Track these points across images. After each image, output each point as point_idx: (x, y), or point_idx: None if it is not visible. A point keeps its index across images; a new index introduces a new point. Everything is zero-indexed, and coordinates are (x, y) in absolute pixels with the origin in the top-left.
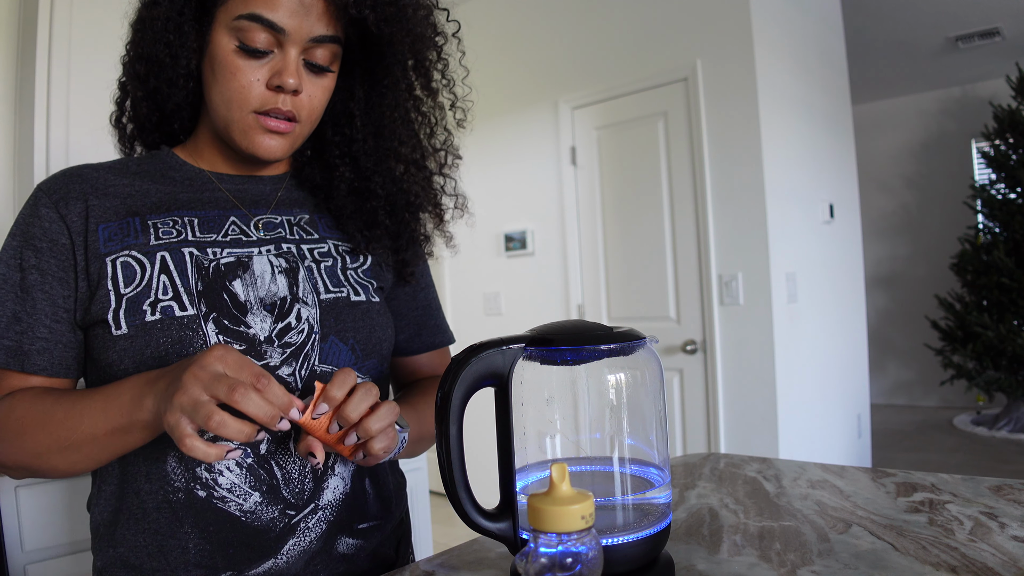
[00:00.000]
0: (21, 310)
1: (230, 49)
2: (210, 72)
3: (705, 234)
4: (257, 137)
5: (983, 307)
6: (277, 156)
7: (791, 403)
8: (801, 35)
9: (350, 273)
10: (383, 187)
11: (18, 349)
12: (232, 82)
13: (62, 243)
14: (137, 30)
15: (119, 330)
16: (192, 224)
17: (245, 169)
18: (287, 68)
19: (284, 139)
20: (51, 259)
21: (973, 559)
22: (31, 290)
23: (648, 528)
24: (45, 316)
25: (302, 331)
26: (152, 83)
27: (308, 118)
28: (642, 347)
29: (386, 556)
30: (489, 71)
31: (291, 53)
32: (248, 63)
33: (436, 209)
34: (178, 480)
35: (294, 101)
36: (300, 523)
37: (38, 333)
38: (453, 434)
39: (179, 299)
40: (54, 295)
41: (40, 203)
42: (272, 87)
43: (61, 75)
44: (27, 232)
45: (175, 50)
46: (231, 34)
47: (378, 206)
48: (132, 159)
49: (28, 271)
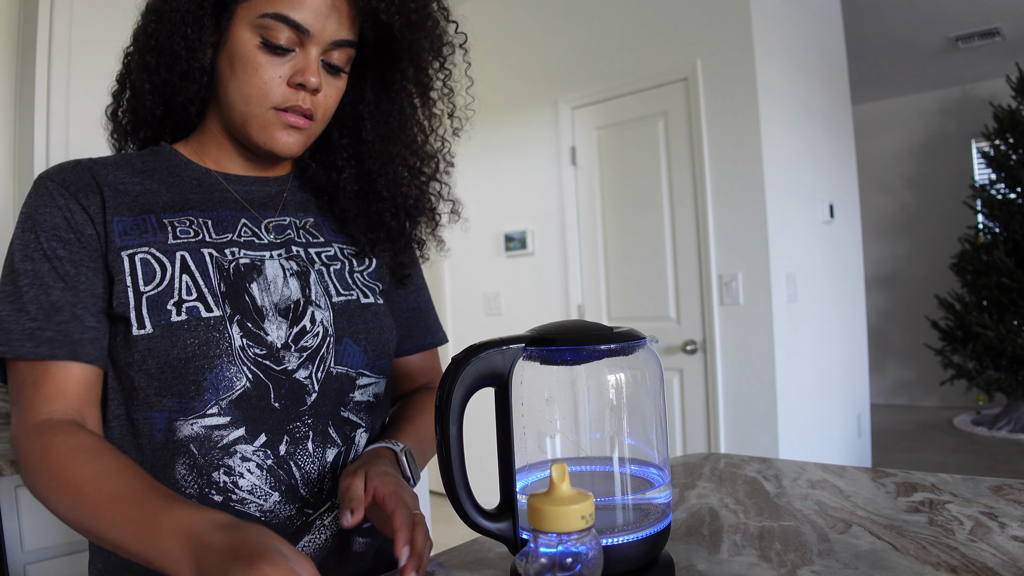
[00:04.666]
0: (60, 300)
1: (253, 45)
2: (228, 67)
3: (705, 234)
4: (276, 133)
5: (983, 307)
6: (293, 152)
7: (791, 403)
8: (801, 35)
9: (357, 276)
10: (388, 189)
11: (65, 338)
12: (253, 77)
13: (88, 233)
14: (150, 20)
15: (142, 329)
16: (207, 225)
17: (251, 169)
18: (309, 67)
19: (300, 135)
20: (81, 250)
21: (973, 559)
22: (68, 280)
23: (648, 528)
24: (91, 305)
25: (317, 334)
26: (163, 75)
27: (323, 117)
28: (642, 347)
29: (390, 553)
30: (489, 71)
31: (312, 53)
32: (270, 60)
33: (432, 213)
34: (190, 487)
35: (313, 100)
36: (316, 520)
37: (87, 323)
38: (453, 434)
39: (204, 300)
40: (93, 286)
41: (56, 194)
42: (293, 85)
43: (61, 75)
44: (48, 224)
45: (192, 43)
46: (254, 30)
47: (384, 208)
48: (134, 155)
49: (58, 261)
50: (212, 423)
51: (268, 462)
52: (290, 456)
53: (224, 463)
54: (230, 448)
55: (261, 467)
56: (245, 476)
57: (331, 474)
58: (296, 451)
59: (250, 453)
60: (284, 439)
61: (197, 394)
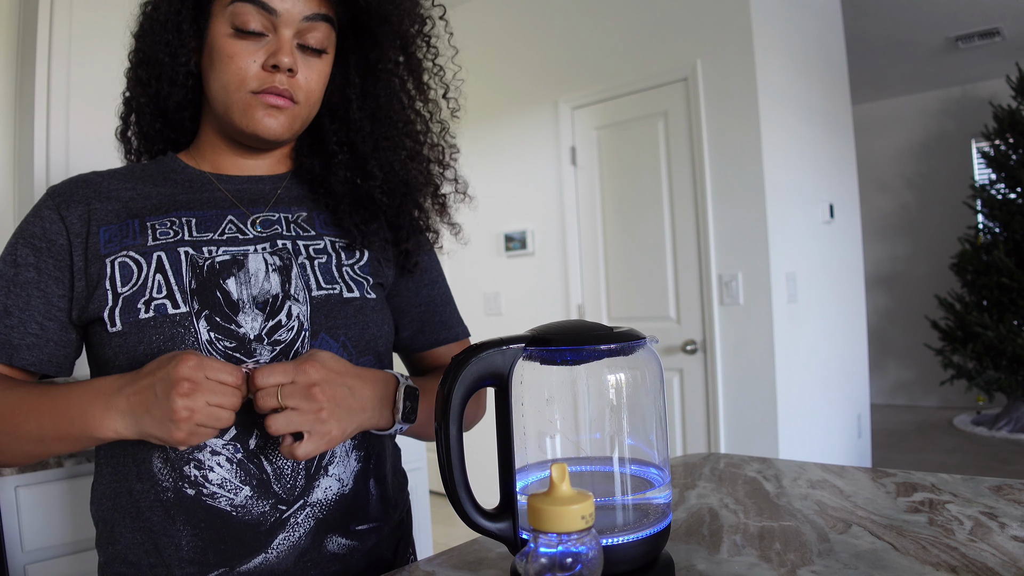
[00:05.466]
0: (12, 304)
1: (226, 34)
2: (209, 63)
3: (705, 234)
4: (256, 114)
5: (983, 307)
6: (278, 134)
7: (791, 403)
8: (801, 35)
9: (345, 270)
10: (380, 168)
11: (7, 342)
12: (229, 65)
13: (60, 244)
14: (138, 37)
15: (114, 327)
16: (189, 224)
17: (246, 168)
18: (282, 48)
19: (283, 116)
20: (48, 258)
21: (973, 559)
22: (25, 286)
23: (648, 528)
24: (38, 313)
25: (292, 328)
26: (154, 86)
27: (306, 100)
28: (642, 347)
29: (382, 558)
30: (489, 71)
31: (285, 34)
32: (244, 45)
33: (436, 195)
34: (166, 480)
35: (291, 82)
36: (290, 518)
37: (29, 329)
38: (453, 434)
39: (172, 297)
40: (49, 293)
41: (44, 205)
42: (268, 67)
43: (61, 75)
44: (27, 232)
45: (174, 49)
46: (227, 20)
47: (375, 186)
48: (138, 165)
49: (23, 268)
50: None
51: (238, 456)
52: (260, 451)
53: (194, 457)
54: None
55: (231, 461)
56: (215, 470)
57: (305, 471)
58: (267, 446)
59: (220, 447)
60: (255, 433)
61: None
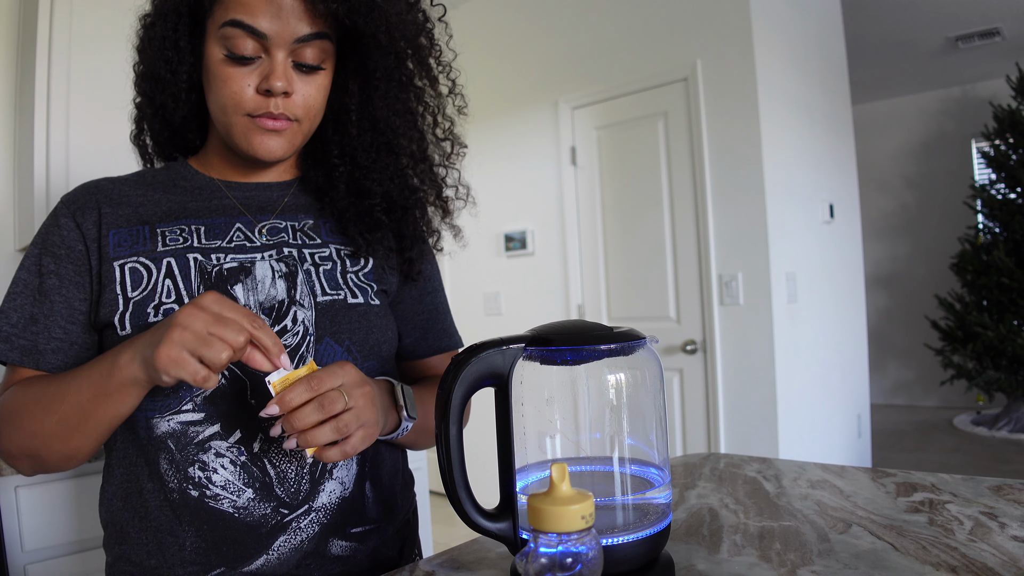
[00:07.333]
0: (39, 312)
1: (219, 59)
2: (206, 83)
3: (705, 234)
4: (255, 138)
5: (983, 307)
6: (277, 156)
7: (791, 403)
8: (801, 35)
9: (350, 276)
10: (380, 184)
11: (33, 348)
12: (224, 89)
13: (78, 250)
14: (140, 51)
15: (123, 331)
16: (199, 232)
17: (253, 176)
18: (274, 71)
19: (282, 138)
20: (69, 265)
21: (973, 559)
22: (49, 293)
23: (648, 528)
24: (61, 318)
25: (297, 333)
26: (159, 99)
27: (306, 115)
28: (642, 347)
29: (387, 557)
30: (489, 71)
31: (278, 57)
32: (237, 70)
33: (440, 201)
34: (171, 481)
35: (286, 103)
36: (292, 522)
37: (54, 334)
38: (453, 434)
39: (181, 302)
40: (71, 298)
41: (60, 213)
42: (262, 91)
43: (61, 75)
44: (47, 240)
45: (174, 66)
46: (219, 43)
47: (375, 204)
48: (149, 171)
49: (47, 276)
50: (187, 419)
51: (242, 458)
52: (264, 453)
53: (199, 458)
54: (205, 444)
55: (235, 463)
56: (219, 472)
57: (309, 475)
58: (271, 449)
59: (224, 449)
60: (259, 436)
61: (172, 391)
